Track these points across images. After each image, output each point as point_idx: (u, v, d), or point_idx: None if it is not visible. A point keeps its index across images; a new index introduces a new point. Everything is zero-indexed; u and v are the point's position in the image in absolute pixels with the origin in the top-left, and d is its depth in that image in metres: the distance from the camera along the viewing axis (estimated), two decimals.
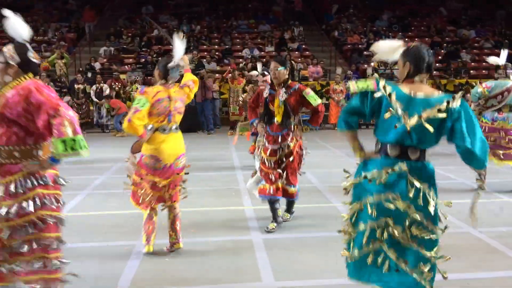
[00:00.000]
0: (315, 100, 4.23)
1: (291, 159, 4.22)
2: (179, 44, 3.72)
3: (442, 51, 16.90)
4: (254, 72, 8.34)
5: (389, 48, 2.59)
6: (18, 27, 2.64)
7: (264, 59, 15.98)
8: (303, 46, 17.41)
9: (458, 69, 15.36)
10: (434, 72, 15.59)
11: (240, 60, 16.17)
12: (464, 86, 13.87)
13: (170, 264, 3.60)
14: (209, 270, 3.48)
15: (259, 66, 7.91)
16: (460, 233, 4.20)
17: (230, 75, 12.42)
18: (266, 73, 8.09)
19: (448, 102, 2.35)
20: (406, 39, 17.57)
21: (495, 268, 3.42)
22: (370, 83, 2.44)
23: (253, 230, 4.34)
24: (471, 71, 15.71)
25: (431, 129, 2.33)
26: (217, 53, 16.34)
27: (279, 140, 4.21)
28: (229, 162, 7.86)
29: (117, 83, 13.32)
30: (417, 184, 2.39)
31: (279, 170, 4.25)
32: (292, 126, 4.25)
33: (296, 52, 16.76)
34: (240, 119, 11.75)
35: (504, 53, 6.00)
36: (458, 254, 3.70)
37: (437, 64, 16.17)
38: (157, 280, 3.31)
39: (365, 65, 15.01)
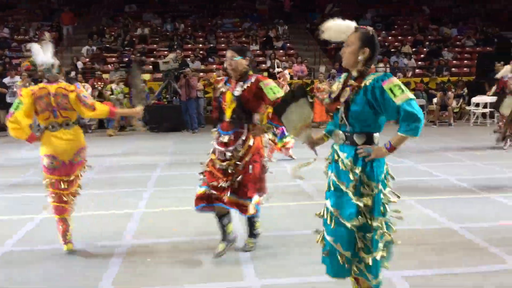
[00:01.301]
0: (273, 94, 3.45)
1: (241, 166, 3.49)
2: (41, 46, 3.69)
3: (425, 49, 17.09)
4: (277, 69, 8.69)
5: (340, 29, 2.54)
6: None
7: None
8: (288, 44, 17.46)
9: (440, 67, 15.56)
10: (417, 70, 15.80)
11: (225, 59, 16.10)
12: (446, 84, 14.05)
13: (152, 264, 3.57)
14: (190, 269, 3.46)
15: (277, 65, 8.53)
16: (441, 229, 4.26)
17: (214, 73, 12.40)
18: (280, 70, 8.56)
19: None
20: (390, 38, 17.77)
21: (476, 263, 3.46)
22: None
23: (236, 229, 4.32)
24: (453, 69, 15.93)
25: None
26: (201, 51, 16.28)
27: (228, 140, 3.52)
28: None
29: (99, 83, 13.18)
30: None
31: (226, 183, 3.50)
32: (247, 125, 3.54)
33: (281, 51, 16.80)
34: None
35: None
36: (440, 249, 3.75)
37: (419, 62, 16.38)
38: (138, 280, 3.28)
39: None
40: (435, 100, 12.93)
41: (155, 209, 5.03)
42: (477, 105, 12.65)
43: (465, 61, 16.70)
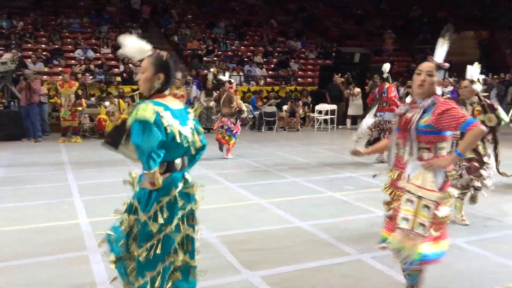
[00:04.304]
0: None
1: None
2: None
3: (274, 60, 18.26)
4: (223, 78, 8.65)
5: (137, 49, 2.45)
6: None
7: (100, 61, 15.13)
8: None
9: (288, 77, 16.81)
10: (268, 79, 16.79)
11: (72, 61, 15.00)
12: (293, 93, 15.20)
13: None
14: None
15: (226, 74, 8.59)
16: (291, 227, 4.55)
17: (60, 77, 11.41)
18: (232, 80, 8.31)
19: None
20: (242, 47, 18.55)
21: (322, 257, 3.76)
22: (150, 112, 2.27)
23: (89, 245, 4.01)
24: (299, 79, 17.33)
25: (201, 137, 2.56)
26: (44, 52, 14.87)
27: None
28: (62, 173, 7.17)
29: None
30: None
31: None
32: None
33: None
34: (72, 125, 10.88)
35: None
36: (291, 247, 4.00)
37: (270, 72, 17.45)
38: None
39: (205, 71, 15.34)
40: (285, 107, 13.87)
41: None
42: (320, 112, 13.93)
43: (309, 72, 18.30)
